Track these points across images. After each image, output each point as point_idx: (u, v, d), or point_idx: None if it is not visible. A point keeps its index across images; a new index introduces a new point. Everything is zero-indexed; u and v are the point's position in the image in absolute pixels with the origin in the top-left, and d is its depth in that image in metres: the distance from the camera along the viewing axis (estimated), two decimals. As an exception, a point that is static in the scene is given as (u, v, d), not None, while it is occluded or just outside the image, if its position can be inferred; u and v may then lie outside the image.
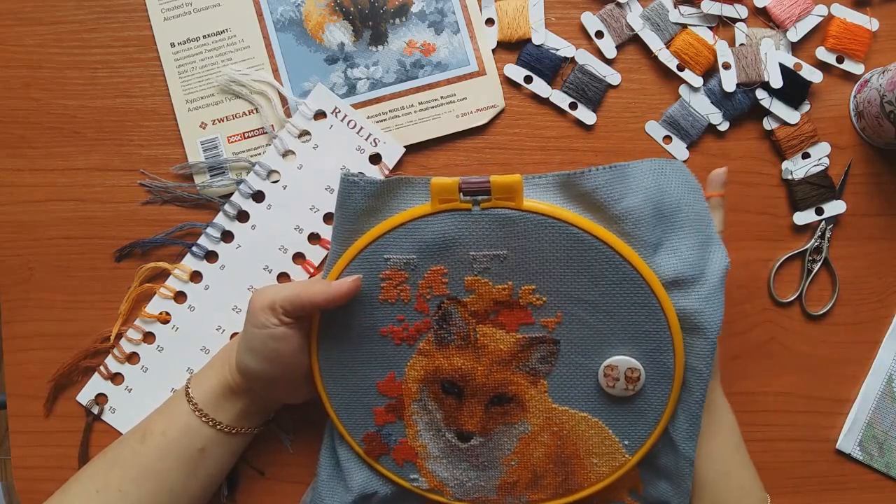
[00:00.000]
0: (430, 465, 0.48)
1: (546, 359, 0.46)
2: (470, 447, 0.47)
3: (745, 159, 0.57)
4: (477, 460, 0.47)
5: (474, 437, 0.47)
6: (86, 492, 0.46)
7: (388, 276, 0.46)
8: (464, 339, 0.46)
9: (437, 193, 0.44)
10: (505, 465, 0.47)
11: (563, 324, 0.45)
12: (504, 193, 0.44)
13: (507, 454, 0.47)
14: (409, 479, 0.48)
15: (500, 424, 0.47)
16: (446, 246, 0.45)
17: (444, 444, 0.47)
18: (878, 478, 0.57)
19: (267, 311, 0.44)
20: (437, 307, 0.46)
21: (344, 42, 0.55)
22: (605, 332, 0.45)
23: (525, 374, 0.46)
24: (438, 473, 0.48)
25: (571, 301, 0.45)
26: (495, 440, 0.47)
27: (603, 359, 0.45)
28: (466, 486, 0.48)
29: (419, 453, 0.48)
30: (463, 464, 0.48)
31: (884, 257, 0.57)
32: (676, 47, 0.56)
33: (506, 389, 0.46)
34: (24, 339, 0.55)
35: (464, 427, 0.47)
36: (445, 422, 0.47)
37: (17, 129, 0.55)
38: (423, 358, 0.46)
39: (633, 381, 0.45)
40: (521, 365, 0.46)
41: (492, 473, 0.47)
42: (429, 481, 0.48)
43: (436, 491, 0.48)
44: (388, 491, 0.49)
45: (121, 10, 0.55)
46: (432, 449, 0.48)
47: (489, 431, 0.47)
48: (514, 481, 0.47)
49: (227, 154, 0.55)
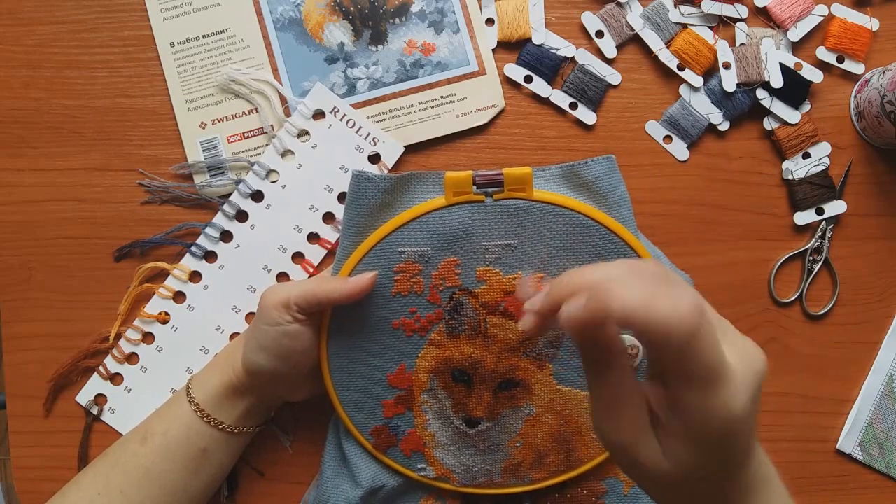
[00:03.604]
0: (438, 453, 0.49)
1: (552, 343, 0.48)
2: (477, 432, 0.48)
3: (745, 159, 0.57)
4: (483, 444, 0.48)
5: (482, 423, 0.48)
6: (87, 494, 0.46)
7: (403, 269, 0.47)
8: (474, 328, 0.47)
9: (452, 186, 0.46)
10: (510, 448, 0.49)
11: None
12: (516, 185, 0.46)
13: (512, 436, 0.48)
14: (417, 468, 0.49)
15: (506, 408, 0.48)
16: (460, 237, 0.46)
17: (453, 432, 0.48)
18: (878, 478, 0.57)
19: (280, 308, 0.44)
20: (449, 298, 0.47)
21: (344, 42, 0.55)
22: None
23: (532, 360, 0.47)
24: (446, 461, 0.49)
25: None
26: (501, 424, 0.48)
27: None
28: (473, 471, 0.49)
29: (427, 442, 0.49)
30: (470, 449, 0.49)
31: (884, 257, 0.57)
32: (677, 47, 0.56)
33: (513, 375, 0.47)
34: (24, 339, 0.55)
35: (472, 413, 0.48)
36: (454, 409, 0.48)
37: (17, 129, 0.55)
38: (435, 348, 0.48)
39: (632, 358, 0.47)
40: (528, 351, 0.47)
41: (497, 456, 0.49)
42: (436, 469, 0.49)
43: (443, 479, 0.49)
44: (396, 483, 0.50)
45: (120, 10, 0.55)
46: (440, 437, 0.49)
47: (496, 416, 0.48)
48: (518, 462, 0.49)
49: (226, 154, 0.55)
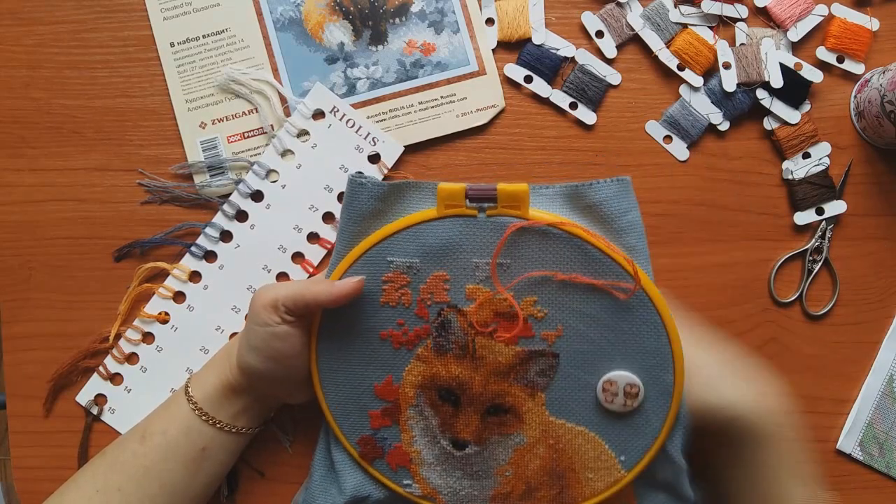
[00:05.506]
0: (424, 471, 0.48)
1: (545, 372, 0.45)
2: (465, 455, 0.47)
3: (745, 159, 0.57)
4: (471, 469, 0.47)
5: (469, 446, 0.46)
6: (85, 493, 0.46)
7: (391, 278, 0.45)
8: (462, 348, 0.46)
9: (444, 199, 0.44)
10: (499, 476, 0.47)
11: (564, 337, 0.45)
12: (510, 202, 0.43)
13: (501, 464, 0.47)
14: (403, 484, 0.48)
15: (495, 434, 0.46)
16: (450, 251, 0.45)
17: (439, 452, 0.47)
18: (878, 478, 0.57)
19: (269, 309, 0.44)
20: (437, 314, 0.46)
21: (344, 42, 0.55)
22: (605, 347, 0.44)
23: (523, 387, 0.46)
24: (432, 480, 0.48)
25: (573, 314, 0.44)
26: (490, 450, 0.46)
27: (602, 373, 0.45)
28: (460, 494, 0.47)
29: (413, 459, 0.48)
30: (457, 472, 0.47)
31: (884, 257, 0.57)
32: (677, 47, 0.56)
33: (503, 400, 0.46)
34: (24, 339, 0.55)
35: (459, 435, 0.46)
36: (441, 429, 0.47)
37: (17, 129, 0.55)
38: (421, 364, 0.46)
39: (632, 397, 0.44)
40: (519, 377, 0.46)
41: (486, 483, 0.47)
42: (422, 488, 0.48)
43: (429, 498, 0.48)
44: (381, 495, 0.49)
45: (120, 10, 0.55)
46: (427, 455, 0.47)
47: (484, 441, 0.46)
48: (507, 492, 0.47)
49: (226, 154, 0.55)
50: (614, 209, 0.44)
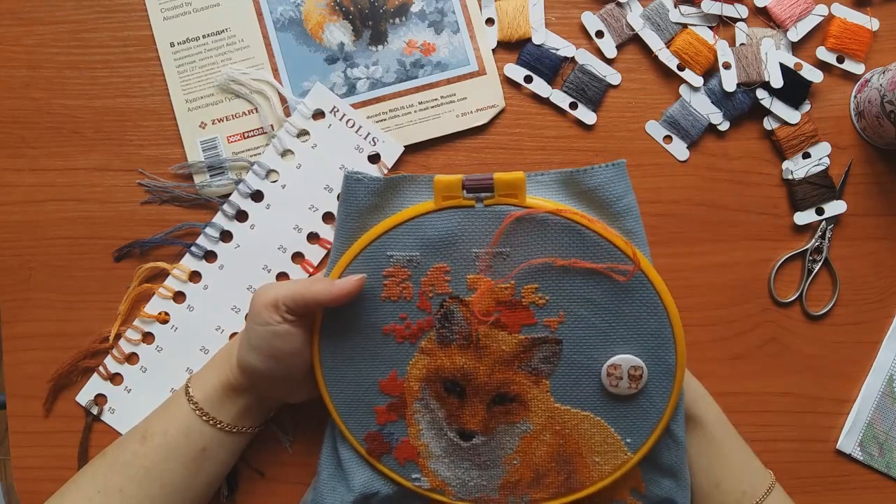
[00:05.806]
0: (433, 464, 0.48)
1: (549, 359, 0.46)
2: (472, 446, 0.47)
3: (745, 159, 0.57)
4: (479, 459, 0.47)
5: (476, 436, 0.47)
6: (86, 493, 0.46)
7: (391, 273, 0.46)
8: (466, 338, 0.46)
9: (441, 191, 0.44)
10: (507, 465, 0.47)
11: (566, 323, 0.45)
12: (507, 190, 0.44)
13: (509, 453, 0.47)
14: (411, 478, 0.48)
15: (502, 423, 0.47)
16: (449, 243, 0.45)
17: (447, 444, 0.47)
18: (878, 478, 0.57)
19: (270, 308, 0.44)
20: (439, 305, 0.46)
21: (344, 42, 0.55)
22: (607, 331, 0.45)
23: (527, 374, 0.46)
24: (440, 473, 0.48)
25: (574, 300, 0.45)
26: (497, 439, 0.47)
27: (605, 357, 0.45)
28: (469, 485, 0.48)
29: (421, 452, 0.48)
30: (465, 463, 0.47)
31: (884, 257, 0.57)
32: (677, 47, 0.56)
33: (508, 389, 0.46)
34: (24, 339, 0.55)
35: (466, 426, 0.47)
36: (447, 421, 0.47)
37: (17, 129, 0.55)
38: (426, 357, 0.46)
39: (636, 380, 0.45)
40: (523, 365, 0.46)
41: (494, 473, 0.47)
42: (431, 481, 0.48)
43: (438, 490, 0.48)
44: (390, 491, 0.49)
45: (120, 10, 0.55)
46: (434, 448, 0.48)
47: (491, 430, 0.47)
48: (516, 480, 0.47)
49: (226, 154, 0.55)
50: (610, 194, 0.45)
